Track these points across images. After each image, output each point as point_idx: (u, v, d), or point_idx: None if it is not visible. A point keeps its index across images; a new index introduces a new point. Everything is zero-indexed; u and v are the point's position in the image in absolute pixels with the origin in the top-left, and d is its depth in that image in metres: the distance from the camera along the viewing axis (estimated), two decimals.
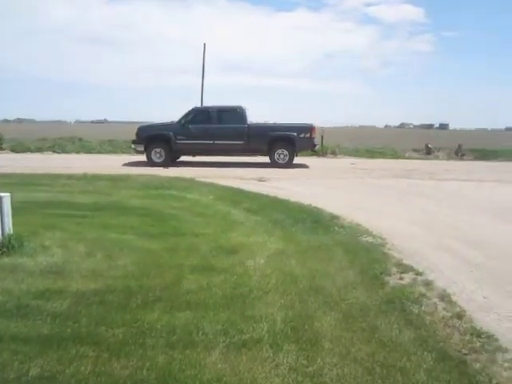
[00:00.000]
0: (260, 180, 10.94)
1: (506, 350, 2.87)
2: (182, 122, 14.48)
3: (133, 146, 15.38)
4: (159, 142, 14.38)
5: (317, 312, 3.30)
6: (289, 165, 14.38)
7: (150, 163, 14.15)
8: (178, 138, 14.29)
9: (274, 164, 14.41)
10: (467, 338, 2.99)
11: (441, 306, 3.54)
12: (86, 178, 10.27)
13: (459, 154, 20.66)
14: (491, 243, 5.58)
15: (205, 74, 24.52)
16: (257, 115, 15.25)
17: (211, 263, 4.35)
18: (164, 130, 14.62)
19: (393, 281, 4.03)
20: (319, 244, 5.06)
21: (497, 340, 3.00)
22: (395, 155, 20.10)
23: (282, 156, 14.50)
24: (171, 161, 14.51)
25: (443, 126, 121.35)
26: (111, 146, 20.62)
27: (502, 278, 4.35)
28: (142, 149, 14.55)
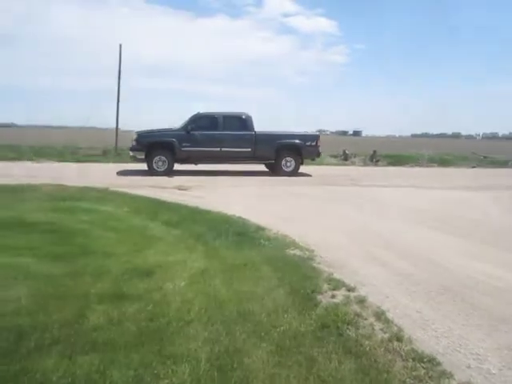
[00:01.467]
0: (180, 188, 10.40)
1: (450, 376, 2.66)
2: (188, 128, 13.79)
3: (131, 154, 14.19)
4: (162, 149, 13.62)
5: (246, 344, 2.89)
6: (295, 173, 14.33)
7: (152, 172, 13.35)
8: (183, 144, 13.60)
9: (280, 172, 14.30)
10: (410, 364, 2.74)
11: (378, 326, 3.29)
12: None
13: (374, 159, 21.51)
14: (416, 251, 5.55)
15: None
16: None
17: (123, 289, 3.77)
18: (167, 136, 13.87)
19: (325, 300, 3.73)
20: (245, 260, 4.66)
21: (440, 364, 2.78)
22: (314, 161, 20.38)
23: (288, 164, 14.42)
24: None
25: (356, 133, 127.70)
26: (15, 152, 18.82)
27: (431, 288, 4.25)
28: (143, 156, 13.62)
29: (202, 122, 14.02)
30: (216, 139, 13.86)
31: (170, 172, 13.48)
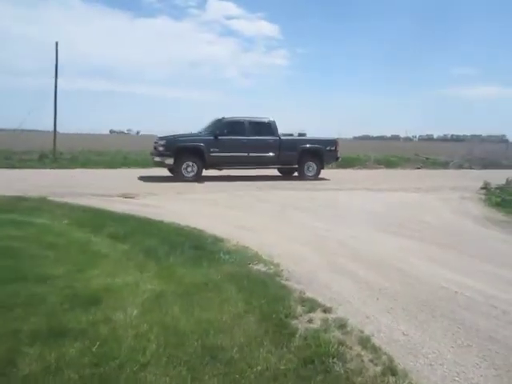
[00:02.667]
0: (125, 197, 9.64)
1: None
2: (215, 132, 13.46)
3: (158, 159, 13.29)
4: (192, 154, 13.15)
5: None
6: (316, 177, 14.49)
7: (181, 178, 12.78)
8: (211, 150, 13.17)
9: (303, 177, 14.44)
10: None
11: (366, 356, 2.88)
12: None
13: None
14: (383, 260, 5.25)
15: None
16: (126, 123, 13.75)
17: (63, 323, 3.13)
18: (196, 141, 13.45)
19: (302, 326, 3.28)
20: (206, 280, 4.13)
21: None
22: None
23: (310, 169, 14.66)
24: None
25: (301, 135, 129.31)
26: None
27: (408, 303, 3.94)
28: (172, 162, 13.01)
29: (229, 127, 13.70)
30: (244, 144, 13.70)
31: (198, 178, 13.04)
